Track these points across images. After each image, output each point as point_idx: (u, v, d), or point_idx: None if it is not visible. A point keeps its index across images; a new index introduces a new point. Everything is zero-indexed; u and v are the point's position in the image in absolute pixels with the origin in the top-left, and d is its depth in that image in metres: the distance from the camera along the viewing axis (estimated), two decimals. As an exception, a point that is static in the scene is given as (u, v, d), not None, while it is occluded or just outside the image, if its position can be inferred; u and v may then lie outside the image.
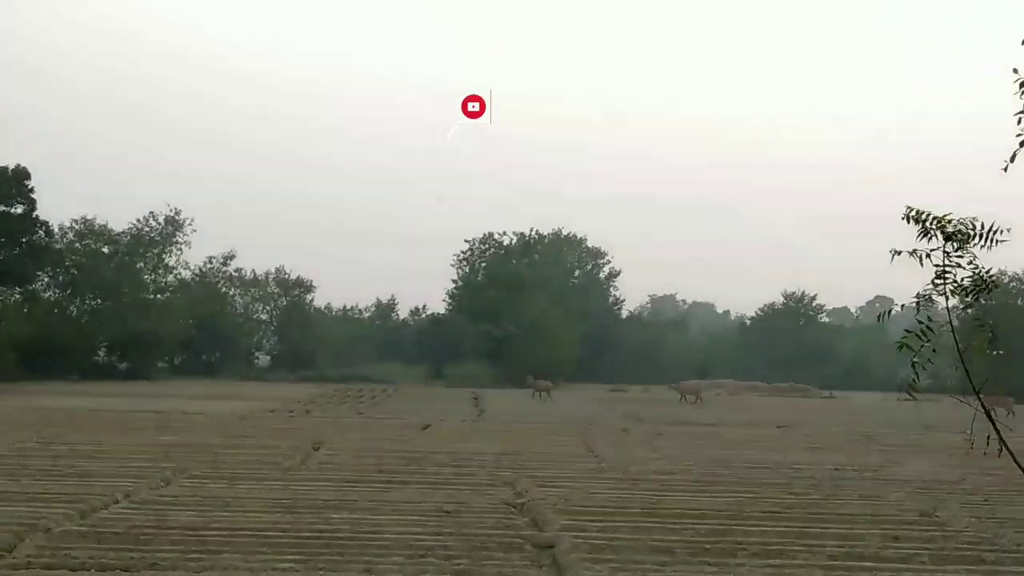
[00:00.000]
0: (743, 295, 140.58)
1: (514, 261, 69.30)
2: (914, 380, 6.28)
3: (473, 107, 20.39)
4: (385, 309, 73.62)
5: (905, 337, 6.27)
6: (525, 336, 61.65)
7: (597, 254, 77.01)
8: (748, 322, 79.69)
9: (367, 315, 73.00)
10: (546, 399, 40.46)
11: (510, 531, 11.14)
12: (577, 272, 76.63)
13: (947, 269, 6.30)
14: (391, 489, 14.10)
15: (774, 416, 35.08)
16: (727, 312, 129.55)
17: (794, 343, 72.51)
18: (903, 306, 6.56)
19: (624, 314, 77.20)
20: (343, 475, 15.46)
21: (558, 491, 14.03)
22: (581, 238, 76.83)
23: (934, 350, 6.21)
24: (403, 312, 73.88)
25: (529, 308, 63.10)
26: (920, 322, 6.24)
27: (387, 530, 10.93)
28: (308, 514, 11.84)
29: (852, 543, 10.95)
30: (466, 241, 71.44)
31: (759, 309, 77.19)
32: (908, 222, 6.43)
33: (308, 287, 68.20)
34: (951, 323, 6.40)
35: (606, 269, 77.14)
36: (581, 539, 10.64)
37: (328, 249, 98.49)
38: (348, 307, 72.14)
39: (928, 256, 6.33)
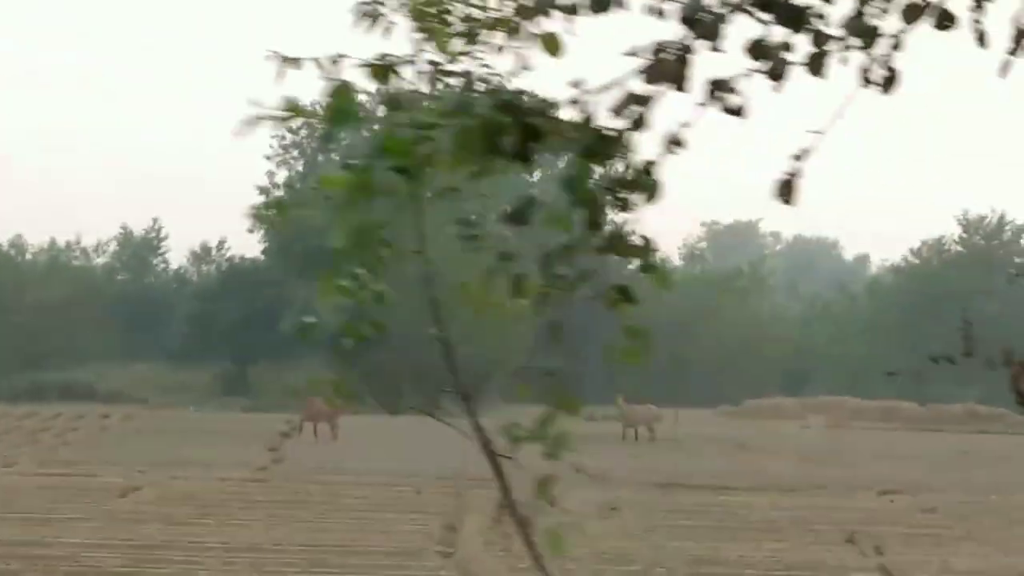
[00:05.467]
0: (895, 229, 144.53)
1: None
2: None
3: None
4: (139, 249, 74.35)
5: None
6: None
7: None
8: (893, 276, 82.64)
9: (99, 261, 73.96)
10: (331, 438, 43.02)
11: None
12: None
13: None
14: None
15: (900, 471, 38.57)
16: (862, 258, 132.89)
17: (984, 315, 73.50)
18: None
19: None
20: None
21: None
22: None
23: None
24: (177, 258, 75.58)
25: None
26: None
27: None
28: None
29: None
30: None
31: (911, 251, 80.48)
32: None
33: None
34: None
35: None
36: None
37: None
38: (60, 245, 73.22)
39: None
